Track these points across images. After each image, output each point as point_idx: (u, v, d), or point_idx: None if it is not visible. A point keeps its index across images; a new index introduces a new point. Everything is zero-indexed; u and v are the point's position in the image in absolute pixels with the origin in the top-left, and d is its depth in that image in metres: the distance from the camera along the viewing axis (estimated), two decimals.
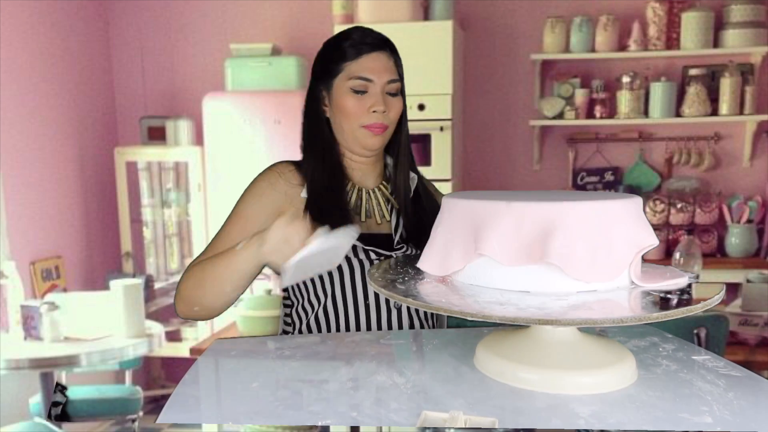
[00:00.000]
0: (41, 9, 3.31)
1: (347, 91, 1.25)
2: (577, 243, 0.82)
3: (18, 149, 3.16)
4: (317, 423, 0.79)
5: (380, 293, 0.94)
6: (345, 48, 1.26)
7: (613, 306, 0.82)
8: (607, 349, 0.90)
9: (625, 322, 0.76)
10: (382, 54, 1.26)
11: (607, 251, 0.84)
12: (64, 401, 2.60)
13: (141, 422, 2.90)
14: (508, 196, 0.90)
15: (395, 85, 1.27)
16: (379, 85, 1.25)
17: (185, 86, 3.81)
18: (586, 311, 0.79)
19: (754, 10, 3.19)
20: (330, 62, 1.27)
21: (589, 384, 0.84)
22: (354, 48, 1.25)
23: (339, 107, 1.27)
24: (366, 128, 1.25)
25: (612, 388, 0.84)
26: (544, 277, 0.85)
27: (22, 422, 2.67)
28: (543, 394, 0.83)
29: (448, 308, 0.80)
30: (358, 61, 1.25)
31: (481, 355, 0.92)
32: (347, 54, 1.25)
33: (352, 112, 1.25)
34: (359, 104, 1.25)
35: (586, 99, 3.41)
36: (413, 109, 3.11)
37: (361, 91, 1.25)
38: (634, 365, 0.88)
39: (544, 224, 0.83)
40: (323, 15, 3.49)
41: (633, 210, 0.88)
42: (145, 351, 2.72)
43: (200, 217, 3.59)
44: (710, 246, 3.40)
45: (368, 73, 1.24)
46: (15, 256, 3.10)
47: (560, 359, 0.86)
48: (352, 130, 1.27)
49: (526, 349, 0.89)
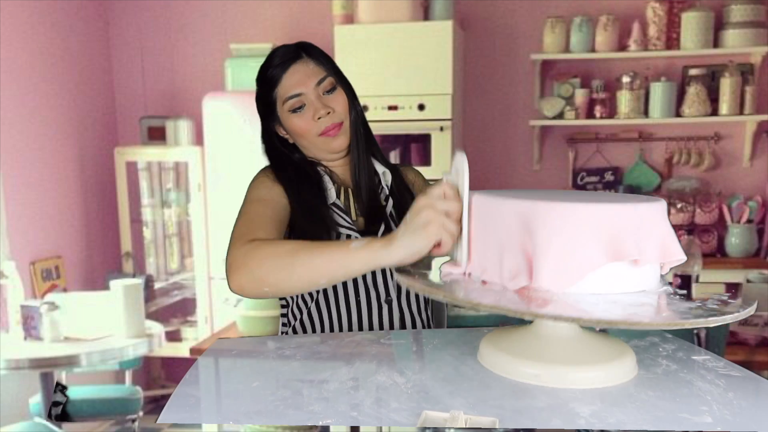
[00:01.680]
0: (41, 9, 3.31)
1: (289, 115, 1.28)
2: (650, 240, 0.85)
3: (18, 149, 3.16)
4: (317, 423, 0.79)
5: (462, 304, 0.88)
6: (268, 75, 1.29)
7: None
8: (607, 345, 0.91)
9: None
10: (298, 64, 1.27)
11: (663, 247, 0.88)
12: (64, 401, 2.60)
13: (141, 422, 2.90)
14: (584, 198, 0.89)
15: (326, 83, 1.28)
16: (311, 93, 1.26)
17: (185, 86, 3.81)
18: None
19: (754, 10, 3.19)
20: (265, 97, 1.30)
21: (591, 378, 0.85)
22: (274, 71, 1.28)
23: (291, 130, 1.30)
24: (323, 135, 1.27)
25: (613, 383, 0.85)
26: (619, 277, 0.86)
27: (22, 422, 2.67)
28: (543, 393, 0.83)
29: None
30: (282, 84, 1.27)
31: (485, 351, 0.93)
32: (272, 81, 1.28)
33: (302, 130, 1.27)
34: (303, 120, 1.27)
35: (586, 99, 3.41)
36: (413, 109, 3.11)
37: (299, 107, 1.27)
38: (634, 361, 0.90)
39: (619, 224, 0.84)
40: (323, 15, 3.50)
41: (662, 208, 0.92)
42: (145, 351, 2.72)
43: (200, 217, 3.59)
44: (710, 246, 3.40)
45: (294, 89, 1.26)
46: (15, 256, 3.10)
47: (562, 354, 0.87)
48: (313, 143, 1.29)
49: (529, 345, 0.90)
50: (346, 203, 1.31)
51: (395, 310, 1.28)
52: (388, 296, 1.28)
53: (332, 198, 1.30)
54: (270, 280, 1.05)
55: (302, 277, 1.04)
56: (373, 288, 1.27)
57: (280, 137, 1.34)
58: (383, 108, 3.14)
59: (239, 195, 1.29)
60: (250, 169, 1.35)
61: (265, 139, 1.35)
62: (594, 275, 0.83)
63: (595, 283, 0.84)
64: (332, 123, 1.27)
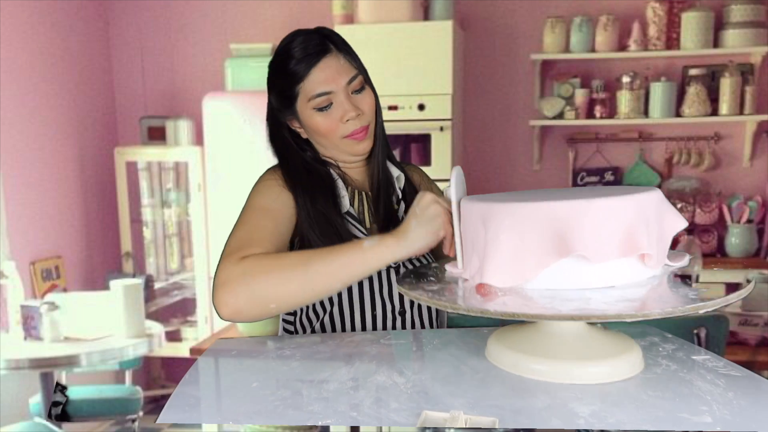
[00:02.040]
0: (41, 9, 3.31)
1: (313, 113, 1.17)
2: (652, 233, 0.86)
3: (18, 149, 3.16)
4: (317, 423, 0.79)
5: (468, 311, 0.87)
6: (292, 69, 1.16)
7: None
8: (613, 340, 0.92)
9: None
10: (329, 58, 1.15)
11: (663, 240, 0.89)
12: (64, 401, 2.60)
13: (141, 422, 2.90)
14: (581, 194, 0.89)
15: (357, 82, 1.18)
16: (341, 92, 1.16)
17: (185, 86, 3.81)
18: None
19: (754, 10, 3.19)
20: (284, 90, 1.19)
21: (598, 374, 0.86)
22: (300, 65, 1.15)
23: (311, 129, 1.19)
24: (348, 138, 1.18)
25: (621, 377, 0.87)
26: (620, 271, 0.87)
27: (22, 422, 2.67)
28: (543, 393, 0.83)
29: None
30: (309, 79, 1.15)
31: (493, 348, 0.95)
32: (296, 75, 1.16)
33: (327, 130, 1.17)
34: (329, 120, 1.16)
35: (586, 99, 3.41)
36: (413, 109, 3.11)
37: (326, 106, 1.16)
38: (640, 355, 0.91)
39: (627, 217, 0.85)
40: (323, 15, 3.49)
41: (663, 199, 0.93)
42: (145, 351, 2.73)
43: (200, 217, 3.59)
44: (710, 246, 3.40)
45: (324, 86, 1.15)
46: (15, 256, 3.10)
47: (568, 350, 0.88)
48: (335, 145, 1.20)
49: (536, 342, 0.91)
50: (360, 209, 1.24)
51: (408, 321, 1.23)
52: (402, 308, 1.22)
53: (346, 206, 1.21)
54: (277, 294, 0.99)
55: (317, 285, 1.00)
56: (389, 300, 1.21)
57: (292, 130, 1.24)
58: (383, 108, 3.14)
59: (239, 195, 1.25)
60: (250, 169, 1.33)
61: (273, 132, 1.25)
62: (550, 271, 0.86)
63: (548, 278, 0.87)
64: (360, 126, 1.17)
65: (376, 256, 0.99)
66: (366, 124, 1.19)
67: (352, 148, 1.20)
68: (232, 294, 0.98)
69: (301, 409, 0.82)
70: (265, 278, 0.98)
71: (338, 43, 1.18)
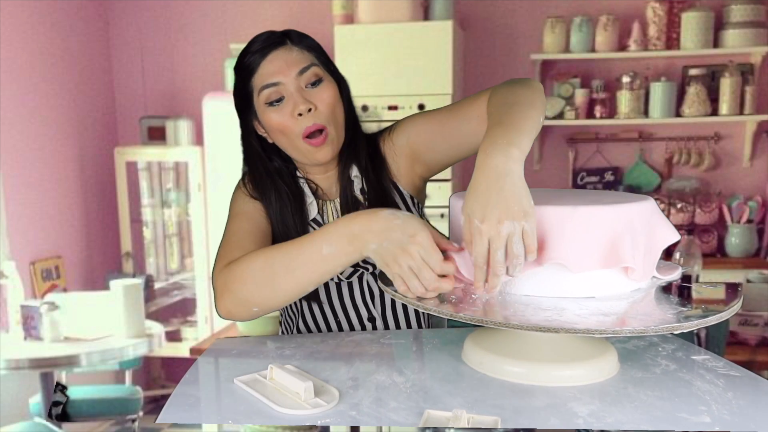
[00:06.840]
0: (41, 9, 3.31)
1: (265, 108, 1.11)
2: (639, 245, 0.84)
3: (18, 149, 3.16)
4: (317, 423, 0.79)
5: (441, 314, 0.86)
6: (245, 63, 1.13)
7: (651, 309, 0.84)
8: (589, 343, 0.91)
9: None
10: (281, 50, 1.10)
11: (652, 252, 0.88)
12: (64, 401, 2.60)
13: (141, 422, 2.90)
14: (567, 199, 0.88)
15: (309, 74, 1.10)
16: (290, 84, 1.09)
17: (185, 86, 3.81)
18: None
19: (754, 10, 3.19)
20: (242, 88, 1.15)
21: (571, 376, 0.86)
22: (252, 57, 1.12)
23: (267, 128, 1.14)
24: (305, 142, 1.10)
25: (594, 380, 0.87)
26: (601, 282, 0.86)
27: (22, 422, 2.67)
28: (542, 393, 0.83)
29: None
30: (259, 71, 1.11)
31: (468, 350, 0.96)
32: (249, 68, 1.12)
33: (280, 126, 1.11)
34: (281, 115, 1.10)
35: (586, 99, 3.41)
36: (413, 109, 3.11)
37: (276, 99, 1.10)
38: (615, 358, 0.91)
39: (612, 228, 0.83)
40: (323, 15, 3.49)
41: (656, 209, 0.91)
42: (145, 351, 2.73)
43: (200, 217, 3.59)
44: (710, 246, 3.40)
45: (271, 77, 1.09)
46: (15, 256, 3.10)
47: (543, 353, 0.88)
48: (294, 146, 1.12)
49: (511, 344, 0.91)
50: (327, 217, 1.20)
51: (380, 327, 1.22)
52: (371, 315, 1.22)
53: (313, 214, 1.18)
54: (256, 299, 1.00)
55: (286, 290, 0.99)
56: (353, 309, 1.21)
57: (260, 136, 1.19)
58: (383, 108, 3.14)
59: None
60: None
61: (243, 139, 1.22)
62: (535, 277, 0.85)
63: (526, 284, 0.87)
64: (314, 124, 1.09)
65: (336, 262, 0.96)
66: (321, 122, 1.10)
67: (312, 155, 1.12)
68: (221, 301, 1.03)
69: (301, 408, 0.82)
70: (241, 285, 1.00)
71: (295, 37, 1.13)
